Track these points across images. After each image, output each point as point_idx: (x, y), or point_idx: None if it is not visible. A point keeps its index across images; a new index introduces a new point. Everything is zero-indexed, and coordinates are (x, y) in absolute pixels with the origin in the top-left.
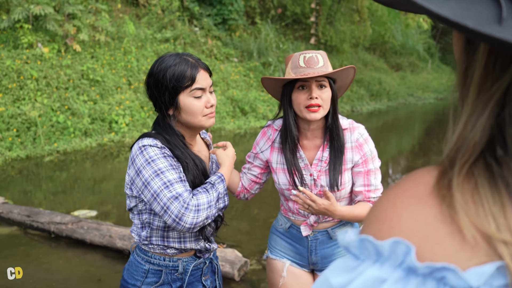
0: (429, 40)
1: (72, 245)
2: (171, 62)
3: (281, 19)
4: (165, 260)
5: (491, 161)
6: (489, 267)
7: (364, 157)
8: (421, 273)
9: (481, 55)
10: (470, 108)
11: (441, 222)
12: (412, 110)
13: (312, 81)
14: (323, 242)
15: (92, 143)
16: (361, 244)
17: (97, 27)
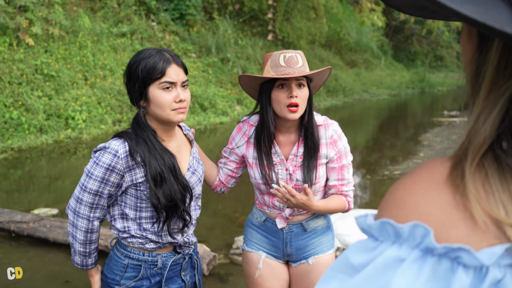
0: (382, 38)
1: (34, 244)
2: (146, 55)
3: (239, 15)
4: (144, 255)
5: (500, 153)
6: (499, 248)
7: (338, 153)
8: (438, 253)
9: (493, 56)
10: (481, 104)
11: (455, 209)
12: (367, 106)
13: (292, 80)
14: (298, 234)
15: (48, 140)
16: (381, 226)
17: (50, 20)
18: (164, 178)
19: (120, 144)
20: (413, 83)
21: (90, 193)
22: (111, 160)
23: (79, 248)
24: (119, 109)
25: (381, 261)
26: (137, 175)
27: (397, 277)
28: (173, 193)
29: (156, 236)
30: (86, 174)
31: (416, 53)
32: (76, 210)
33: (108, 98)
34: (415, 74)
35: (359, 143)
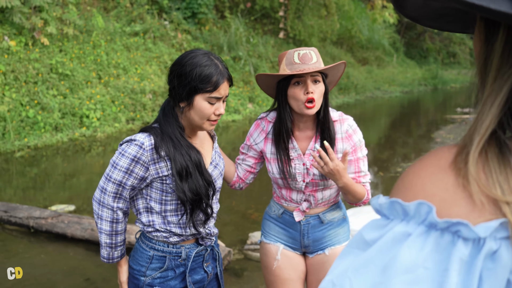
0: (394, 34)
1: (52, 240)
2: (203, 62)
3: (250, 13)
4: (168, 247)
5: (502, 140)
6: (494, 223)
7: (354, 146)
8: (440, 227)
9: (498, 46)
10: (488, 91)
11: (457, 189)
12: (379, 104)
13: (307, 76)
14: (315, 226)
15: (63, 138)
16: (391, 205)
17: (64, 20)
18: (189, 173)
19: (146, 137)
20: (425, 80)
21: (114, 183)
22: (136, 151)
23: (105, 240)
24: (132, 108)
25: (391, 236)
26: (163, 169)
27: (404, 249)
28: (198, 187)
29: (180, 229)
30: (112, 165)
31: (428, 50)
32: (101, 200)
33: (121, 96)
34: (428, 71)
35: (371, 140)
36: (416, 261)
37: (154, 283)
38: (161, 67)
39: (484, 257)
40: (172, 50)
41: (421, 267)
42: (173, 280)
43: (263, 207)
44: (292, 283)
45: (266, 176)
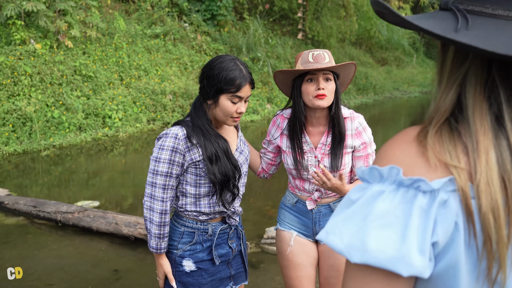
0: (414, 35)
1: (78, 233)
2: (229, 66)
3: (269, 14)
4: (197, 224)
5: (452, 120)
6: (444, 179)
7: (364, 144)
8: (406, 184)
9: (450, 52)
10: (443, 87)
11: (418, 156)
12: (398, 104)
13: (319, 74)
14: (326, 215)
15: (87, 138)
16: (370, 171)
17: (87, 23)
18: (218, 157)
19: (179, 129)
20: None
21: (162, 175)
22: (173, 142)
23: (155, 231)
24: (153, 108)
25: (370, 194)
26: (196, 155)
27: (379, 202)
28: (226, 170)
29: (209, 208)
30: (155, 160)
31: None
32: (152, 194)
33: (142, 97)
34: None
35: None
36: (388, 210)
37: (184, 255)
38: (181, 69)
39: (438, 205)
40: (192, 52)
41: (392, 214)
42: (201, 252)
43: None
44: (304, 267)
45: (284, 175)
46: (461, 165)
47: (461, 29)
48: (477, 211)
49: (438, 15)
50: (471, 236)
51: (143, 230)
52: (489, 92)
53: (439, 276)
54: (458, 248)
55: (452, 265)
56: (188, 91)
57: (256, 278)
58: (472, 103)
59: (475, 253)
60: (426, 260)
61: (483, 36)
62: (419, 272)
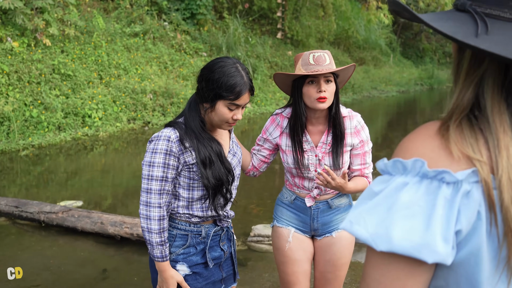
0: (391, 34)
1: (62, 233)
2: (230, 71)
3: (248, 14)
4: (190, 226)
5: (472, 117)
6: (468, 171)
7: (362, 142)
8: (430, 176)
9: (467, 54)
10: (461, 86)
11: (441, 149)
12: (376, 103)
13: (320, 76)
14: (324, 211)
15: (67, 137)
16: (394, 164)
17: (66, 21)
18: (212, 161)
19: (171, 131)
20: (421, 79)
21: (157, 180)
22: (166, 145)
23: (156, 239)
24: (133, 107)
25: (393, 186)
26: (189, 158)
27: (403, 193)
28: (220, 174)
29: (202, 212)
30: (148, 165)
31: (424, 49)
32: (148, 202)
33: (122, 96)
34: (424, 71)
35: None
36: (412, 201)
37: (178, 259)
38: (161, 68)
39: (461, 195)
40: (171, 51)
41: (416, 205)
42: (195, 255)
43: (263, 202)
44: (301, 263)
45: (266, 173)
46: (483, 159)
47: (481, 34)
48: (499, 203)
49: (455, 17)
50: (493, 225)
51: (129, 229)
52: (507, 93)
53: (461, 263)
54: (480, 236)
55: (474, 252)
56: (169, 90)
57: (244, 275)
58: (490, 103)
59: (496, 241)
60: (450, 248)
61: (502, 42)
62: (443, 259)
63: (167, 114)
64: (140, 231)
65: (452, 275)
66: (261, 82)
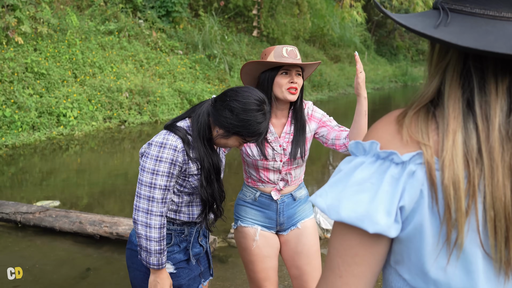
0: (365, 32)
1: (39, 234)
2: (258, 119)
3: (224, 11)
4: (173, 225)
5: (430, 106)
6: (413, 153)
7: (321, 121)
8: (382, 156)
9: (437, 47)
10: (430, 75)
11: (395, 133)
12: (351, 100)
13: (293, 69)
14: (289, 204)
15: (41, 137)
16: (356, 145)
17: (38, 19)
18: (211, 179)
19: (177, 139)
20: (396, 77)
21: (161, 189)
22: (173, 155)
23: (155, 247)
24: (109, 106)
25: (353, 164)
26: (192, 168)
27: (358, 171)
28: (215, 193)
29: (188, 218)
30: (152, 173)
31: (398, 47)
32: (149, 210)
33: (98, 95)
34: (398, 68)
35: None
36: (365, 178)
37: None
38: (137, 66)
39: (407, 175)
40: (147, 49)
41: (368, 181)
42: (178, 253)
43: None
44: (269, 259)
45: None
46: (429, 143)
47: (440, 25)
48: (440, 182)
49: (427, 14)
50: (434, 203)
51: (108, 228)
52: (464, 80)
53: (408, 237)
54: (422, 213)
55: (418, 228)
56: (145, 88)
57: (225, 271)
58: (448, 89)
59: (437, 219)
60: (391, 221)
61: (457, 32)
62: (384, 230)
63: (143, 113)
64: (120, 230)
65: (404, 249)
66: (237, 80)
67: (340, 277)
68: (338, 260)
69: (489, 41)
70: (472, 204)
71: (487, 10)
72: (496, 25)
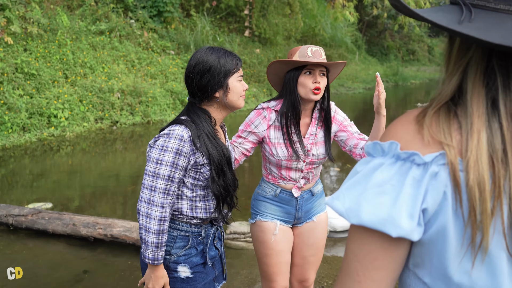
0: (356, 33)
1: (32, 236)
2: (220, 53)
3: (216, 11)
4: (191, 227)
5: (451, 104)
6: (436, 153)
7: (342, 124)
8: (402, 158)
9: (456, 43)
10: (448, 73)
11: (416, 133)
12: (343, 100)
13: (316, 68)
14: (308, 199)
15: (32, 138)
16: (373, 146)
17: (28, 18)
18: (224, 170)
19: (184, 129)
20: (387, 76)
21: (163, 179)
22: (178, 144)
23: (153, 240)
24: (100, 107)
25: (371, 166)
26: (200, 158)
27: (378, 173)
28: (229, 184)
29: (205, 213)
30: (156, 162)
31: (389, 47)
32: (150, 199)
33: (89, 96)
34: (389, 68)
35: None
36: (385, 179)
37: (179, 260)
38: (128, 66)
39: (429, 176)
40: (138, 49)
41: (388, 183)
42: (195, 256)
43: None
44: (284, 253)
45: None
46: (452, 143)
47: (464, 21)
48: (465, 184)
49: (447, 9)
50: (458, 205)
51: (102, 230)
52: (488, 78)
53: (430, 240)
54: (446, 215)
55: (441, 230)
56: (137, 89)
57: None
58: (471, 87)
59: (461, 221)
60: (414, 224)
61: (483, 28)
62: (407, 234)
63: (135, 113)
64: (114, 232)
65: (425, 252)
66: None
67: (359, 282)
68: (356, 265)
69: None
70: (498, 206)
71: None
72: None
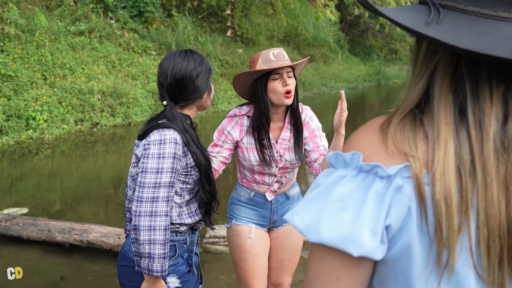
0: (339, 32)
1: (6, 243)
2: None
3: (197, 11)
4: (177, 236)
5: (416, 111)
6: (400, 165)
7: (312, 133)
8: (365, 170)
9: (423, 46)
10: (414, 77)
11: (379, 143)
12: (326, 100)
13: (283, 71)
14: (283, 203)
15: (9, 141)
16: (335, 157)
17: (5, 19)
18: (208, 174)
19: (174, 133)
20: (369, 76)
21: (165, 187)
22: (174, 148)
23: (159, 251)
24: (80, 108)
25: (333, 178)
26: (190, 160)
27: (339, 186)
28: (213, 187)
29: (190, 218)
30: (156, 172)
31: (371, 46)
32: (153, 211)
33: (69, 97)
34: (371, 67)
35: None
36: (347, 194)
37: (168, 271)
38: (109, 67)
39: (393, 190)
40: (119, 50)
41: (350, 198)
42: (182, 265)
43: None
44: (261, 257)
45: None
46: (417, 154)
47: (431, 22)
48: (431, 198)
49: (415, 8)
50: (423, 221)
51: (78, 236)
52: (456, 84)
53: (395, 258)
54: (411, 232)
55: (406, 248)
56: (118, 90)
57: None
58: (438, 94)
59: (427, 238)
60: (377, 242)
61: (451, 31)
62: (369, 253)
63: (116, 115)
64: (91, 238)
65: (389, 271)
66: (212, 80)
67: None
68: (317, 285)
69: (486, 43)
70: (465, 221)
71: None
72: (492, 25)
